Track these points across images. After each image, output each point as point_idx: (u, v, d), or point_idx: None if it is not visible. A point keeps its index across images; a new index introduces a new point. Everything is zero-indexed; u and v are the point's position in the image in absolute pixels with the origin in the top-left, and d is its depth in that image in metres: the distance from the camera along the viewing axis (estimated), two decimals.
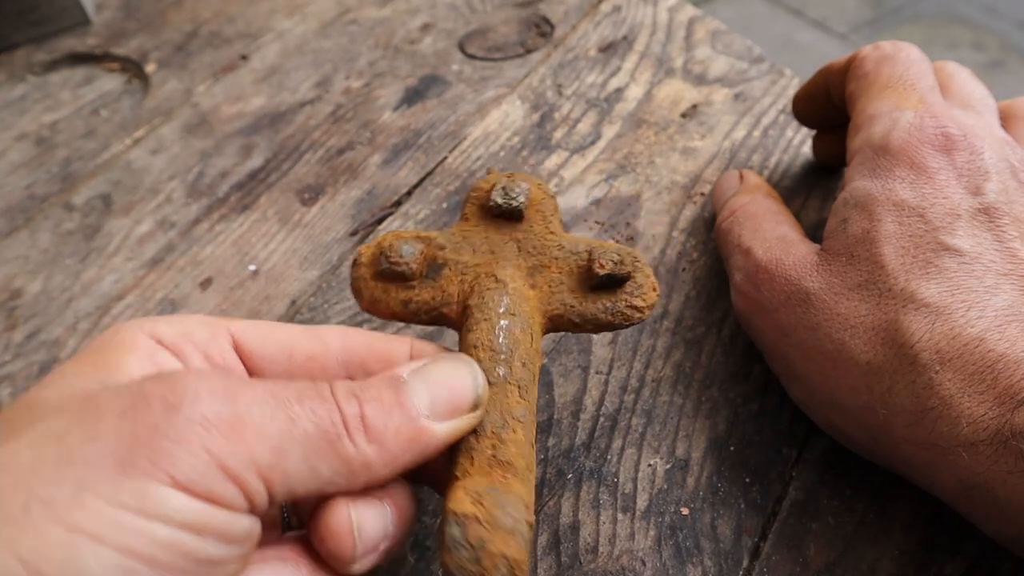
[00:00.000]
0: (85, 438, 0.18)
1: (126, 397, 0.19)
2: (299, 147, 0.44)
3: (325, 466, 0.20)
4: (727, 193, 0.35)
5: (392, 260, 0.26)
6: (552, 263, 0.27)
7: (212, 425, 0.18)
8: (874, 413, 0.25)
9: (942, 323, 0.24)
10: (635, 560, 0.27)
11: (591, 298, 0.26)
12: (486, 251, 0.27)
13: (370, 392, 0.21)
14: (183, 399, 0.18)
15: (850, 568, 0.26)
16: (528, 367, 0.24)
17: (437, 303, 0.26)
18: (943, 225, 0.26)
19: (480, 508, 0.20)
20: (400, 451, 0.21)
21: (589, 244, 0.27)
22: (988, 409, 0.22)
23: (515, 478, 0.22)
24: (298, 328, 0.25)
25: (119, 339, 0.22)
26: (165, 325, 0.23)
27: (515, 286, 0.26)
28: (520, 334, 0.25)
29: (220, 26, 0.53)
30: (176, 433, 0.18)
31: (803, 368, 0.27)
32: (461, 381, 0.22)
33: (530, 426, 0.24)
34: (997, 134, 0.29)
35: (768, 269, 0.29)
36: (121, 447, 0.18)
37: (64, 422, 0.18)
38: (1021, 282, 0.24)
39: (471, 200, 0.28)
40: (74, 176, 0.44)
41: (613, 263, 0.26)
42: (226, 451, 0.18)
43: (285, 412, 0.19)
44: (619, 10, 0.50)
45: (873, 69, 0.31)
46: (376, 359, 0.24)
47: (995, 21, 1.71)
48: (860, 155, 0.29)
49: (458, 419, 0.22)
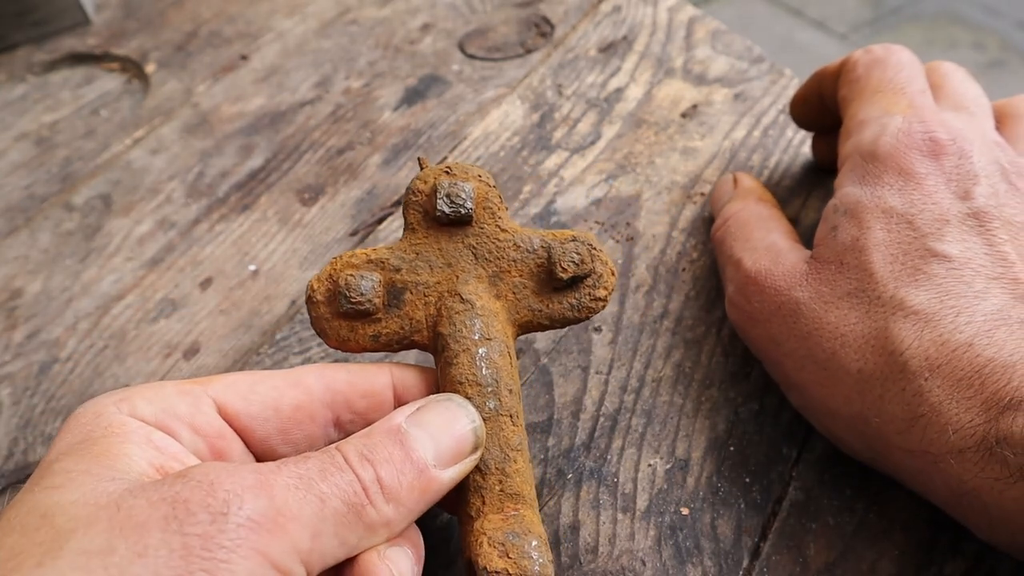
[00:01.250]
0: (133, 555, 0.18)
1: (164, 505, 0.19)
2: (299, 147, 0.44)
3: (353, 535, 0.21)
4: (722, 199, 0.35)
5: (353, 300, 0.25)
6: (511, 267, 0.26)
7: (259, 526, 0.19)
8: (867, 421, 0.25)
9: (931, 330, 0.24)
10: (635, 560, 0.27)
11: (556, 298, 0.26)
12: (443, 265, 0.26)
13: (380, 453, 0.22)
14: (228, 504, 0.19)
15: (850, 568, 0.26)
16: (515, 392, 0.25)
17: (407, 332, 0.26)
18: (932, 231, 0.26)
19: (508, 561, 0.22)
20: (414, 504, 0.22)
21: (543, 240, 0.27)
22: (975, 416, 0.22)
23: (525, 506, 0.23)
24: (278, 377, 0.25)
25: (104, 425, 0.22)
26: (143, 403, 0.22)
27: (482, 304, 0.26)
28: (500, 359, 0.25)
29: (220, 26, 0.53)
30: (228, 540, 0.18)
31: (797, 377, 0.27)
32: (460, 426, 0.23)
33: (526, 449, 0.25)
34: (987, 136, 0.29)
35: (757, 280, 0.29)
36: (174, 560, 0.18)
37: (102, 538, 0.18)
38: (1011, 286, 0.24)
39: (412, 206, 0.27)
40: (74, 176, 0.44)
41: (575, 264, 0.26)
42: (274, 549, 0.19)
43: (315, 494, 0.20)
44: (619, 10, 0.50)
45: (864, 73, 0.31)
46: (359, 395, 0.25)
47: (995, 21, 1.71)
48: (850, 161, 0.29)
49: (461, 463, 0.23)
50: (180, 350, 0.35)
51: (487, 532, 0.23)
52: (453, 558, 0.27)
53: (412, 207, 0.27)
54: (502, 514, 0.23)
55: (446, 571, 0.27)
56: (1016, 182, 0.27)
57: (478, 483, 0.24)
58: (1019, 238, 0.26)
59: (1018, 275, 0.24)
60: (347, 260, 0.26)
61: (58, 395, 0.34)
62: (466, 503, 0.24)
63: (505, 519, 0.23)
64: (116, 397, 0.23)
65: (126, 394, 0.23)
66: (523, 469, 0.24)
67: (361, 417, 0.25)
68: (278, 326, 0.35)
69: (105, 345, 0.36)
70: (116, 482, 0.20)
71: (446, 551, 0.27)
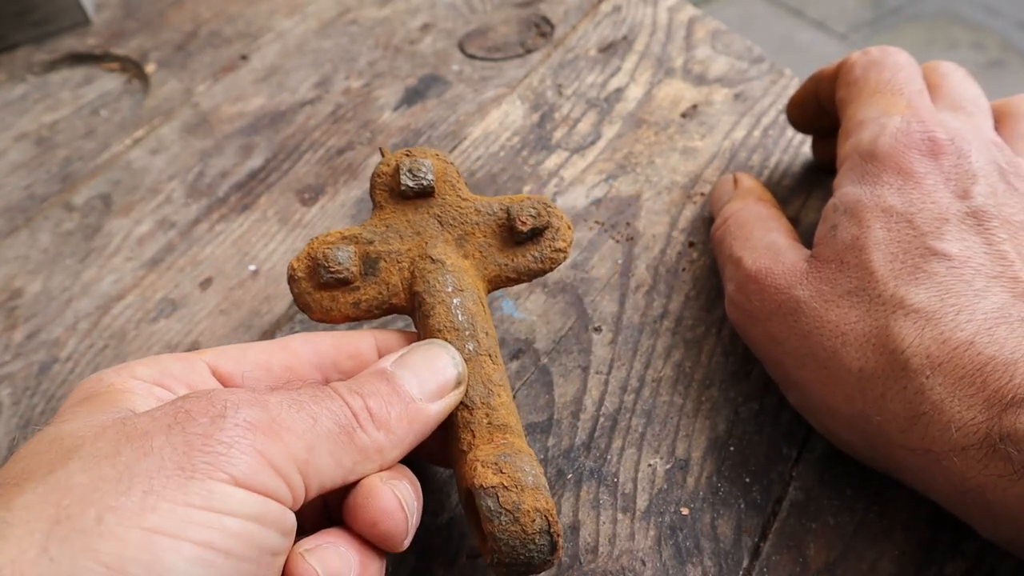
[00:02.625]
0: (139, 454, 0.19)
1: (167, 415, 0.20)
2: (299, 147, 0.44)
3: (347, 457, 0.22)
4: (722, 199, 0.35)
5: (332, 270, 0.27)
6: (475, 229, 0.29)
7: (256, 428, 0.20)
8: (869, 420, 0.25)
9: (932, 328, 0.24)
10: (635, 560, 0.27)
11: (519, 252, 0.28)
12: (412, 234, 0.28)
13: (367, 387, 0.23)
14: (226, 408, 0.20)
15: (850, 568, 0.26)
16: (490, 335, 0.27)
17: (385, 296, 0.28)
18: (931, 230, 0.26)
19: (503, 476, 0.23)
20: (404, 433, 0.23)
21: (501, 203, 0.29)
22: (977, 413, 0.22)
23: (513, 435, 0.25)
24: (267, 344, 0.26)
25: (106, 385, 0.23)
26: (141, 368, 0.24)
27: (452, 261, 0.28)
28: (474, 306, 0.27)
29: (220, 26, 0.53)
30: (227, 437, 0.19)
31: (797, 376, 0.27)
32: (442, 363, 0.25)
33: (507, 386, 0.26)
34: (985, 136, 0.29)
35: (757, 279, 0.29)
36: (177, 455, 0.19)
37: (110, 445, 0.19)
38: (1011, 284, 0.24)
39: (378, 187, 0.29)
40: (74, 176, 0.44)
41: (532, 217, 0.28)
42: (271, 450, 0.20)
43: (307, 412, 0.21)
44: (619, 10, 0.50)
45: (861, 75, 0.31)
46: (346, 356, 0.26)
47: (995, 21, 1.71)
48: (849, 161, 0.29)
49: (446, 397, 0.24)
50: (180, 350, 0.35)
51: (480, 458, 0.24)
52: (453, 558, 0.27)
53: (379, 187, 0.29)
54: (492, 443, 0.24)
55: (446, 571, 0.27)
56: (1014, 182, 0.27)
57: (466, 419, 0.25)
58: (1018, 237, 0.26)
59: (1017, 273, 0.24)
60: (322, 239, 0.28)
61: (58, 395, 0.34)
62: (457, 440, 0.25)
63: (496, 447, 0.24)
64: (116, 367, 0.24)
65: (125, 364, 0.24)
66: (507, 403, 0.25)
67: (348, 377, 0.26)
68: (278, 326, 0.35)
69: (105, 345, 0.36)
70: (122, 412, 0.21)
71: (446, 551, 0.27)
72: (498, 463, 0.23)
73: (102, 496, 0.17)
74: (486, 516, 0.23)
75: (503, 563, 0.23)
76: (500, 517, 0.22)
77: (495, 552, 0.23)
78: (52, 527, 0.17)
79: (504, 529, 0.22)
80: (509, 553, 0.22)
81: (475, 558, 0.27)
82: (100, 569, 0.16)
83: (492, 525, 0.22)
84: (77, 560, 0.16)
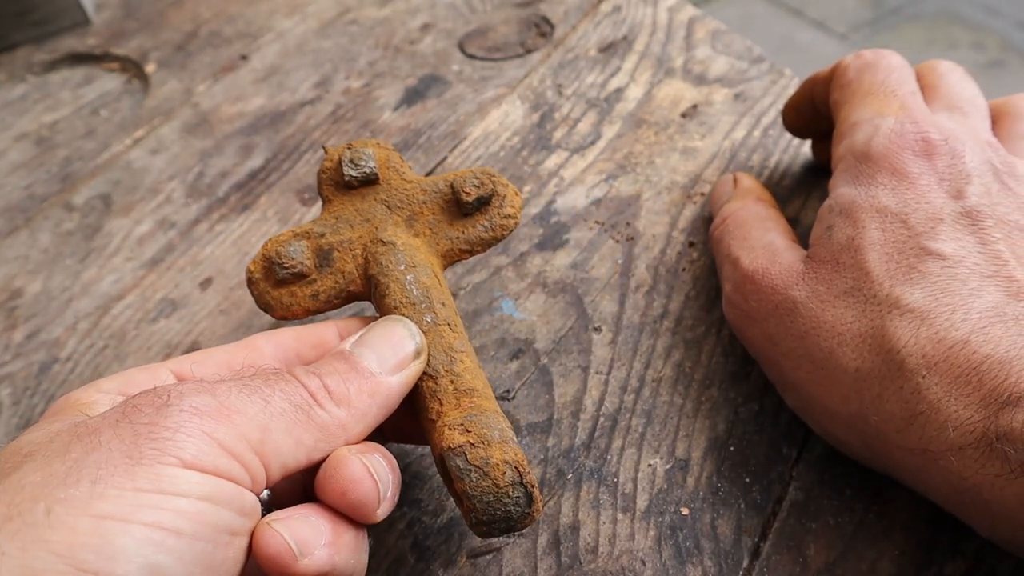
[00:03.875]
0: (88, 448, 0.19)
1: (116, 412, 0.20)
2: (299, 147, 0.44)
3: (307, 435, 0.22)
4: (721, 199, 0.35)
5: (287, 265, 0.28)
6: (423, 208, 0.29)
7: (202, 412, 0.20)
8: (866, 420, 0.25)
9: (927, 327, 0.24)
10: (635, 560, 0.27)
11: (468, 224, 0.29)
12: (362, 221, 0.29)
13: (325, 367, 0.23)
14: (170, 397, 0.20)
15: (850, 568, 0.26)
16: (448, 305, 0.27)
17: (343, 284, 0.28)
18: (926, 230, 0.26)
19: (469, 435, 0.23)
20: (366, 407, 0.23)
21: (445, 179, 0.29)
22: (974, 412, 0.22)
23: (481, 398, 0.25)
24: (230, 345, 0.26)
25: (72, 401, 0.23)
26: (106, 382, 0.24)
27: (403, 241, 0.28)
28: (428, 280, 0.27)
29: (220, 26, 0.53)
30: (172, 423, 0.19)
31: (794, 377, 0.27)
32: (398, 335, 0.25)
33: (471, 352, 0.26)
34: (980, 136, 0.29)
35: (754, 279, 0.29)
36: (125, 445, 0.19)
37: (61, 445, 0.19)
38: (1005, 283, 0.24)
39: (325, 183, 0.29)
40: (74, 176, 0.44)
41: (475, 187, 0.28)
42: (221, 432, 0.20)
43: (259, 395, 0.21)
44: (619, 10, 0.50)
45: (855, 77, 0.32)
46: (309, 347, 0.27)
47: (995, 21, 1.71)
48: (843, 162, 0.29)
49: (407, 368, 0.24)
50: (180, 350, 0.35)
51: (447, 423, 0.24)
52: (453, 558, 0.27)
53: (325, 183, 0.29)
54: (460, 408, 0.24)
55: (446, 571, 0.27)
56: (1008, 182, 0.27)
57: (432, 388, 0.25)
58: (1012, 237, 0.26)
59: (1012, 273, 0.25)
60: (275, 239, 0.29)
61: (58, 395, 0.34)
62: (426, 411, 0.25)
63: (463, 410, 0.24)
64: (84, 386, 0.24)
65: (93, 382, 0.25)
66: (472, 367, 0.25)
67: None
68: (278, 326, 0.35)
69: (105, 345, 0.36)
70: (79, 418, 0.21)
71: (446, 551, 0.27)
72: (463, 423, 0.23)
73: (51, 490, 0.18)
74: (456, 476, 0.23)
75: (482, 521, 0.23)
76: (470, 474, 0.22)
77: (472, 512, 0.23)
78: (3, 524, 0.17)
79: (476, 485, 0.22)
80: (485, 510, 0.22)
81: (475, 558, 0.27)
82: (51, 558, 0.17)
83: (463, 484, 0.22)
84: (28, 552, 0.17)
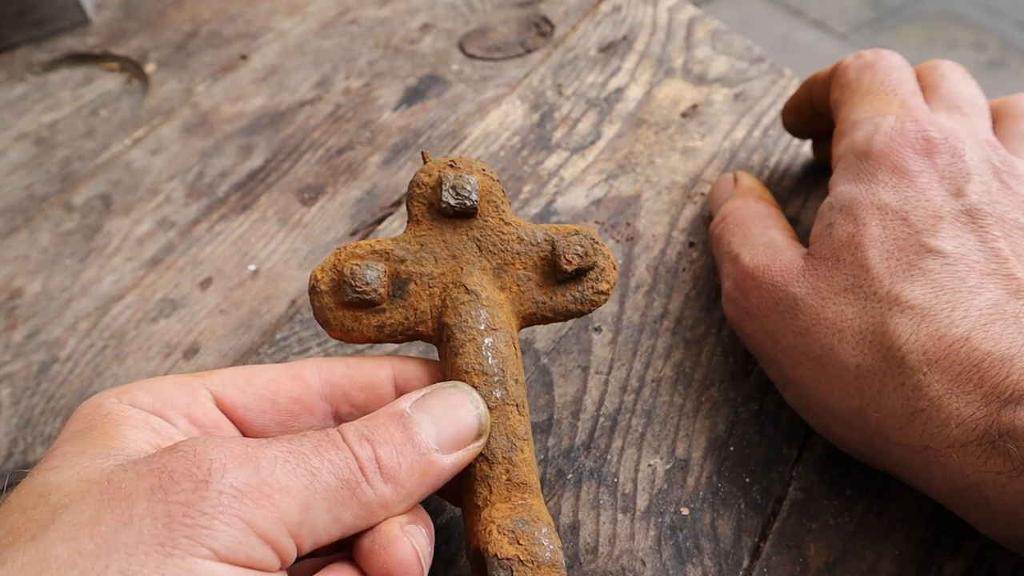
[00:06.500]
0: (119, 525, 0.18)
1: (151, 476, 0.19)
2: (299, 147, 0.44)
3: (348, 513, 0.21)
4: (721, 197, 0.35)
5: (360, 289, 0.25)
6: (516, 259, 0.26)
7: (242, 494, 0.19)
8: (866, 417, 0.25)
9: (927, 324, 0.24)
10: (635, 560, 0.27)
11: (559, 291, 0.26)
12: (447, 256, 0.26)
13: (380, 434, 0.22)
14: (211, 473, 0.19)
15: (850, 568, 0.26)
16: (520, 382, 0.25)
17: (411, 322, 0.26)
18: (926, 228, 0.26)
19: (519, 548, 0.22)
20: (414, 487, 0.22)
21: (547, 233, 0.27)
22: (976, 409, 0.22)
23: (532, 496, 0.23)
24: (275, 370, 0.25)
25: (104, 413, 0.22)
26: (141, 394, 0.23)
27: (487, 295, 0.26)
28: (506, 349, 0.25)
29: (220, 26, 0.53)
30: (210, 507, 0.18)
31: (794, 373, 0.27)
32: (464, 412, 0.23)
33: (531, 440, 0.25)
34: (980, 136, 0.29)
35: (755, 276, 0.29)
36: (157, 528, 0.18)
37: (92, 510, 0.18)
38: (1005, 281, 0.24)
39: (416, 199, 0.27)
40: (74, 176, 0.44)
41: (579, 257, 0.26)
42: (259, 517, 0.19)
43: (305, 467, 0.20)
44: (619, 10, 0.50)
45: (855, 77, 0.32)
46: (359, 388, 0.25)
47: (995, 21, 1.71)
48: (844, 160, 0.30)
49: (464, 449, 0.23)
50: (180, 350, 0.35)
51: (496, 520, 0.22)
52: (453, 557, 0.27)
53: (416, 199, 0.27)
54: (510, 503, 0.23)
55: (447, 570, 0.27)
56: (1008, 180, 0.27)
57: (485, 472, 0.23)
58: (1011, 235, 0.26)
59: (1011, 271, 0.25)
60: (351, 251, 0.26)
61: (58, 395, 0.34)
62: (472, 492, 0.24)
63: (513, 508, 0.23)
64: (116, 390, 0.23)
65: (126, 387, 0.23)
66: (529, 459, 0.24)
67: (360, 410, 0.25)
68: (278, 326, 0.35)
69: (105, 345, 0.36)
70: (111, 459, 0.20)
71: (446, 551, 0.27)
72: (515, 531, 0.22)
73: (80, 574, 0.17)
74: None
75: None
76: None
77: None
78: None
79: None
80: None
81: None
82: None
83: None
84: None
